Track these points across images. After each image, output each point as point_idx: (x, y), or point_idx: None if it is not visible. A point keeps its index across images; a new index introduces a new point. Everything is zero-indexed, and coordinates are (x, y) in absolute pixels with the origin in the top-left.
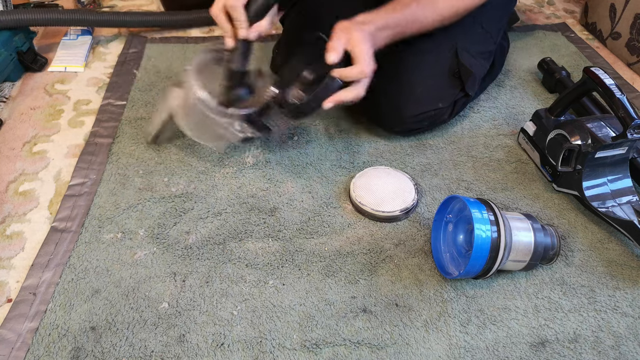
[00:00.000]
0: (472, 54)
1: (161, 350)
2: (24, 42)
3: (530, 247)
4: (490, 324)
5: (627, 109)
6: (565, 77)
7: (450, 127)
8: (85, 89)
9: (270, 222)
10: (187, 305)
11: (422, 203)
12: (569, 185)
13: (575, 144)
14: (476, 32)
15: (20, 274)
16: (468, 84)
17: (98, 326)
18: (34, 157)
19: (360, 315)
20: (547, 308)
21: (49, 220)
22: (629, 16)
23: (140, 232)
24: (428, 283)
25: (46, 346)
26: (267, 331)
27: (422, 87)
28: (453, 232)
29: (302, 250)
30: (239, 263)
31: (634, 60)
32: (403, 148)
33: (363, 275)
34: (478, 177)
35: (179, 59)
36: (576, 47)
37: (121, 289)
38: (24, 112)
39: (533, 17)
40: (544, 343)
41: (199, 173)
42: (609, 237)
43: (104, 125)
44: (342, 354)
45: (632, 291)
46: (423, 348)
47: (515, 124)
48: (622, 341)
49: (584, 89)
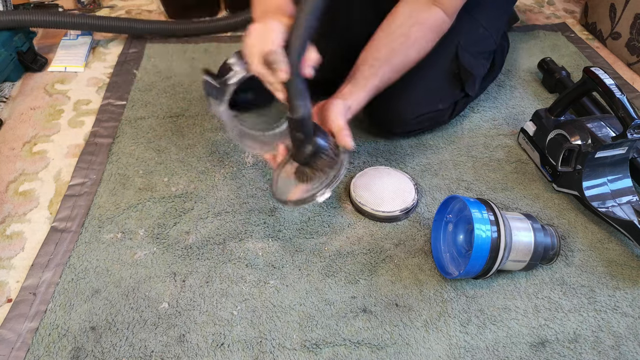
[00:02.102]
0: (472, 54)
1: (161, 350)
2: (24, 42)
3: (530, 247)
4: (490, 324)
5: (627, 109)
6: (565, 77)
7: (450, 127)
8: (85, 89)
9: (270, 222)
10: (187, 305)
11: (422, 203)
12: (569, 185)
13: (575, 144)
14: (476, 32)
15: (20, 274)
16: (468, 84)
17: (98, 326)
18: (34, 157)
19: (360, 315)
20: (547, 308)
21: (49, 220)
22: (629, 16)
23: (140, 232)
24: (428, 283)
25: (46, 346)
26: (267, 331)
27: (422, 89)
28: (453, 232)
29: (302, 250)
30: (239, 263)
31: (634, 60)
32: (403, 148)
33: (363, 275)
34: (478, 177)
35: (179, 59)
36: (576, 47)
37: (121, 289)
38: (24, 112)
39: (533, 17)
40: (544, 343)
41: (199, 173)
42: (609, 237)
43: (104, 125)
44: (342, 354)
45: (632, 291)
46: (423, 348)
47: (515, 124)
48: (622, 341)
49: (584, 89)
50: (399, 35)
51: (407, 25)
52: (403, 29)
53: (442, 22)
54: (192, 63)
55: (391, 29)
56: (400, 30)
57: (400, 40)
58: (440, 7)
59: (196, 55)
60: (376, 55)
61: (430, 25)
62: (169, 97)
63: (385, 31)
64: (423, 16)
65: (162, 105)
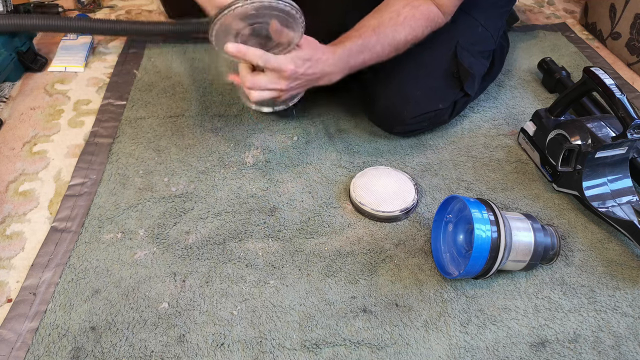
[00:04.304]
0: (471, 53)
1: (161, 350)
2: (24, 42)
3: (530, 247)
4: (490, 324)
5: (627, 109)
6: (565, 77)
7: (450, 127)
8: (85, 89)
9: (270, 222)
10: (187, 305)
11: (422, 203)
12: (569, 185)
13: (575, 144)
14: (476, 31)
15: (20, 274)
16: (467, 83)
17: (98, 326)
18: (34, 157)
19: (360, 315)
20: (547, 308)
21: (49, 220)
22: (629, 16)
23: (140, 232)
24: (428, 283)
25: (46, 346)
26: (267, 331)
27: (422, 88)
28: (453, 232)
29: (302, 250)
30: (239, 263)
31: (634, 60)
32: (403, 148)
33: (363, 275)
34: (478, 177)
35: (179, 59)
36: (576, 47)
37: (121, 289)
38: (24, 112)
39: (533, 17)
40: (544, 343)
41: (199, 173)
42: (609, 237)
43: (104, 125)
44: (342, 354)
45: (632, 291)
46: (423, 348)
47: (515, 124)
48: (622, 341)
49: (584, 89)
50: (389, 12)
51: (398, 6)
52: (393, 8)
53: (435, 15)
54: (192, 63)
55: (381, 9)
56: (390, 9)
57: (390, 16)
58: (434, 2)
59: (196, 55)
60: (364, 23)
61: (422, 11)
62: (169, 97)
63: (375, 11)
64: (416, 3)
65: (162, 105)
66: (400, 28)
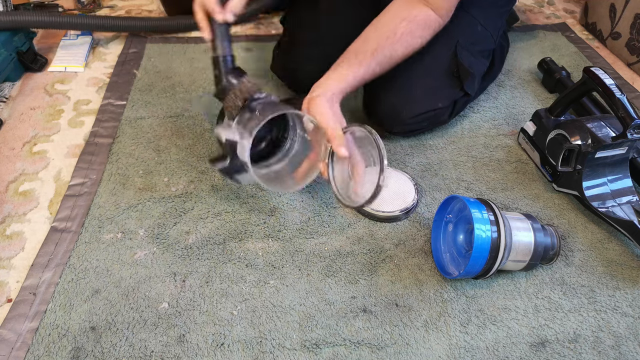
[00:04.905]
0: (471, 53)
1: (161, 350)
2: (24, 42)
3: (530, 247)
4: (490, 324)
5: (627, 109)
6: (565, 77)
7: (450, 127)
8: (85, 89)
9: (270, 222)
10: (187, 305)
11: (422, 203)
12: (569, 185)
13: (575, 144)
14: (476, 30)
15: (20, 274)
16: (467, 83)
17: (98, 326)
18: (34, 157)
19: (360, 315)
20: (547, 308)
21: (49, 220)
22: (629, 16)
23: (140, 232)
24: (428, 283)
25: (46, 346)
26: (267, 331)
27: (421, 88)
28: (453, 232)
29: (302, 251)
30: (239, 263)
31: (634, 60)
32: (403, 148)
33: (363, 275)
34: (478, 177)
35: (179, 59)
36: (576, 47)
37: (121, 289)
38: (24, 112)
39: (533, 17)
40: (544, 343)
41: (199, 173)
42: (609, 237)
43: (104, 125)
44: (342, 354)
45: (632, 291)
46: (423, 348)
47: (515, 124)
48: (622, 341)
49: (584, 89)
50: (386, 31)
51: (396, 21)
52: (391, 25)
53: (432, 20)
54: (192, 63)
55: (380, 24)
56: (388, 27)
57: (387, 36)
58: (429, 6)
59: (196, 55)
60: (364, 47)
61: (419, 21)
62: (169, 97)
63: (374, 25)
64: (412, 13)
65: (162, 105)
66: (397, 46)
